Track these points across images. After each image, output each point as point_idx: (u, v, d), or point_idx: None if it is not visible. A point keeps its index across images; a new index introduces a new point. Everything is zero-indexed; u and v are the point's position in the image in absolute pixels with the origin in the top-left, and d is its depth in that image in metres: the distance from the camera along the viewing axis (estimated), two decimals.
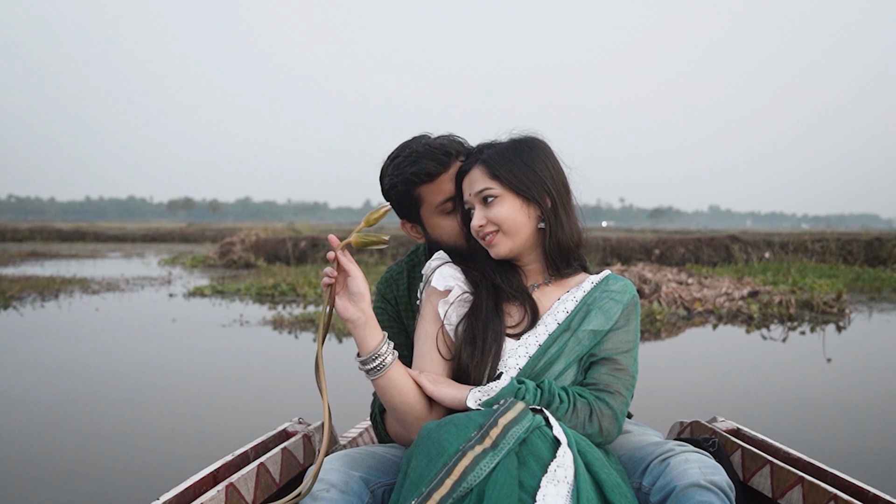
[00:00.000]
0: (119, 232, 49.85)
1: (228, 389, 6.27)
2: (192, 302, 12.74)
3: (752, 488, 2.33)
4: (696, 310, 11.24)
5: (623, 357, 2.01)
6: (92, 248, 35.45)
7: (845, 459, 4.35)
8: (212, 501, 1.94)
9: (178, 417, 5.33)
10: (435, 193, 2.21)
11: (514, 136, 2.12)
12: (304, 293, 13.76)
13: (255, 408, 5.57)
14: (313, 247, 22.49)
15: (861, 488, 2.05)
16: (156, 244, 41.09)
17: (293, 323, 9.85)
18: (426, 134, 2.30)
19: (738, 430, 2.67)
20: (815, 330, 9.90)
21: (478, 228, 2.05)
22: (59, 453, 4.48)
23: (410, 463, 1.72)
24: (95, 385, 6.36)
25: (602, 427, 1.92)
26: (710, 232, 37.18)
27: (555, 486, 1.66)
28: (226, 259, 22.14)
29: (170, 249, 33.50)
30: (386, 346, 1.90)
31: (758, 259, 20.95)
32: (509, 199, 2.02)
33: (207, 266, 22.14)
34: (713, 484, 1.79)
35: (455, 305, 2.06)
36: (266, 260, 21.97)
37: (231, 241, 23.31)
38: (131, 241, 43.87)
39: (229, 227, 51.70)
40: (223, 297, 13.57)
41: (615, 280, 2.11)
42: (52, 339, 8.82)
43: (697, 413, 3.22)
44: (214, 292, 14.06)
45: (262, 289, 14.18)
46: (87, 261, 25.08)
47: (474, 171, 2.06)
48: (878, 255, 21.43)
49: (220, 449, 2.56)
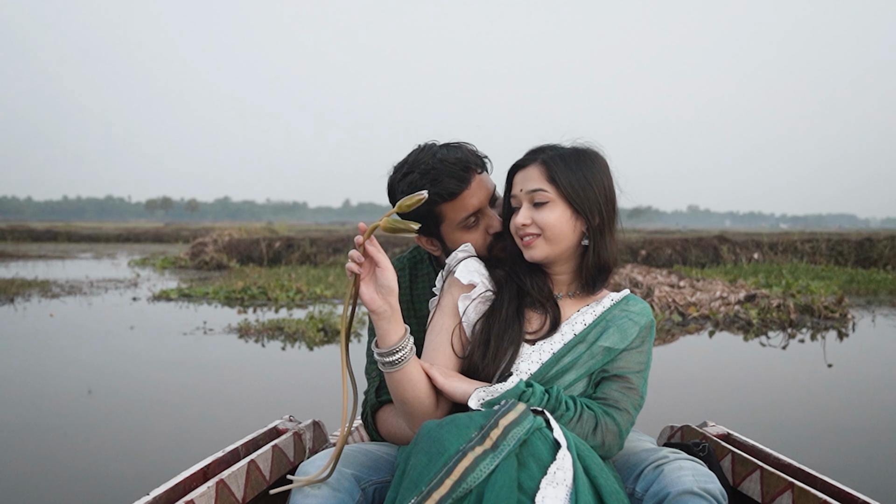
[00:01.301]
0: (93, 232, 48.90)
1: (170, 414, 5.54)
2: (156, 307, 11.98)
3: (742, 493, 2.33)
4: (690, 315, 10.54)
5: (634, 377, 2.00)
6: (63, 248, 34.43)
7: (840, 469, 4.19)
8: (202, 498, 1.94)
9: (91, 456, 4.62)
10: (458, 211, 2.16)
11: (578, 145, 2.07)
12: (276, 297, 13.02)
13: (210, 441, 4.87)
14: (288, 247, 21.72)
15: (851, 495, 2.03)
16: (130, 244, 40.11)
17: (260, 330, 9.10)
18: (433, 143, 2.23)
19: (728, 435, 2.66)
20: (815, 337, 9.34)
21: (520, 227, 2.01)
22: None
23: (409, 461, 1.70)
24: (8, 405, 5.66)
25: (605, 442, 1.91)
26: (690, 232, 36.91)
27: (554, 488, 1.65)
28: (197, 260, 21.29)
29: (143, 250, 32.67)
30: (408, 340, 1.89)
31: (747, 260, 20.43)
32: (560, 206, 2.00)
33: (178, 267, 21.32)
34: (706, 492, 1.79)
35: (476, 303, 2.05)
36: (239, 261, 21.15)
37: (203, 242, 22.48)
38: (105, 242, 42.98)
39: (207, 226, 50.78)
40: (190, 301, 12.82)
41: (635, 301, 2.11)
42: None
43: (689, 418, 3.09)
44: (181, 296, 13.30)
45: (231, 292, 13.41)
46: (55, 262, 24.20)
47: (531, 169, 2.03)
48: (869, 256, 20.96)
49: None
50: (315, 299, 12.95)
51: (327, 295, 13.36)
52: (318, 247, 21.62)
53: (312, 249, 21.44)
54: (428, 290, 2.37)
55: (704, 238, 21.81)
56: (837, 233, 26.91)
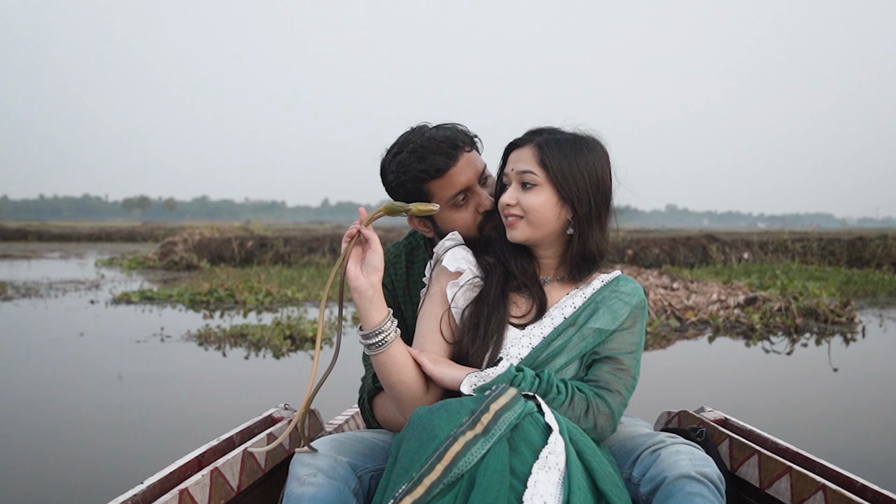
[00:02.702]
0: (65, 231, 47.78)
1: (89, 446, 4.75)
2: (115, 310, 11.13)
3: (740, 478, 2.32)
4: (688, 320, 9.82)
5: (626, 357, 1.98)
6: (32, 248, 33.38)
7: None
8: (196, 486, 1.92)
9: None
10: (445, 188, 2.15)
11: (579, 132, 2.04)
12: (244, 300, 12.16)
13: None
14: (261, 247, 20.81)
15: (849, 478, 2.02)
16: (102, 244, 39.06)
17: (222, 337, 8.28)
18: (425, 125, 2.24)
19: (725, 420, 2.64)
20: (821, 342, 8.68)
21: (505, 206, 2.01)
22: None
23: (401, 448, 1.69)
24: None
25: (597, 424, 1.89)
26: (669, 231, 36.41)
27: (546, 472, 1.64)
28: (166, 260, 20.28)
29: (115, 249, 31.65)
30: (390, 322, 1.90)
31: (736, 259, 19.80)
32: (547, 191, 1.97)
33: (147, 268, 20.34)
34: (704, 476, 1.77)
35: (464, 289, 2.04)
36: (210, 261, 20.17)
37: (173, 241, 21.53)
38: (76, 241, 41.94)
39: (184, 225, 49.78)
40: (152, 303, 11.96)
41: (625, 282, 2.08)
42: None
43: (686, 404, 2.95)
44: (143, 299, 12.42)
45: (196, 295, 12.53)
46: (20, 262, 23.28)
47: (525, 150, 2.01)
48: (862, 256, 20.44)
49: None
50: (286, 302, 12.13)
51: (299, 298, 12.54)
52: (293, 246, 20.71)
53: (286, 249, 20.53)
54: (424, 275, 2.30)
55: (693, 237, 21.16)
56: (828, 231, 26.54)
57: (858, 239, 21.16)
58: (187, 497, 1.88)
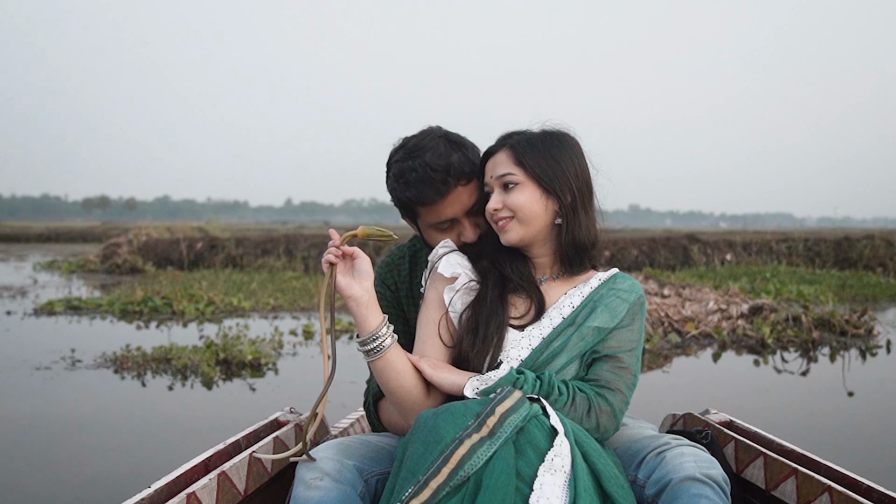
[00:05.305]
0: (17, 231, 45.97)
1: None
2: (31, 323, 9.70)
3: (746, 480, 2.27)
4: (689, 333, 8.58)
5: (626, 355, 1.96)
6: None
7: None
8: (203, 490, 1.90)
9: None
10: (431, 216, 2.16)
11: (547, 128, 2.06)
12: (183, 309, 10.71)
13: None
14: (211, 248, 19.31)
15: (855, 480, 1.99)
16: (53, 245, 37.24)
17: (144, 363, 6.85)
18: (437, 131, 2.19)
19: (731, 422, 2.58)
20: (835, 358, 7.60)
21: (493, 212, 2.01)
22: None
23: (406, 451, 1.68)
24: None
25: (600, 423, 1.88)
26: (633, 231, 35.94)
27: (552, 475, 1.62)
28: (108, 263, 18.69)
29: (63, 251, 29.94)
30: (386, 327, 1.90)
31: (720, 261, 18.73)
32: (530, 187, 1.98)
33: (87, 271, 18.79)
34: (709, 477, 1.74)
35: (461, 293, 2.03)
36: (156, 264, 18.70)
37: (116, 243, 19.97)
38: (24, 242, 40.08)
39: (144, 225, 48.09)
40: (78, 314, 10.56)
41: (623, 279, 2.06)
42: None
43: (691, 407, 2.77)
44: (68, 308, 10.96)
45: (128, 304, 11.04)
46: None
47: (499, 155, 2.02)
48: (849, 257, 19.54)
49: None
50: (230, 312, 10.76)
51: (245, 307, 11.12)
52: (246, 248, 19.20)
53: (238, 251, 19.02)
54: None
55: (673, 237, 20.06)
56: (813, 231, 25.81)
57: (845, 239, 20.25)
58: (195, 501, 1.85)
